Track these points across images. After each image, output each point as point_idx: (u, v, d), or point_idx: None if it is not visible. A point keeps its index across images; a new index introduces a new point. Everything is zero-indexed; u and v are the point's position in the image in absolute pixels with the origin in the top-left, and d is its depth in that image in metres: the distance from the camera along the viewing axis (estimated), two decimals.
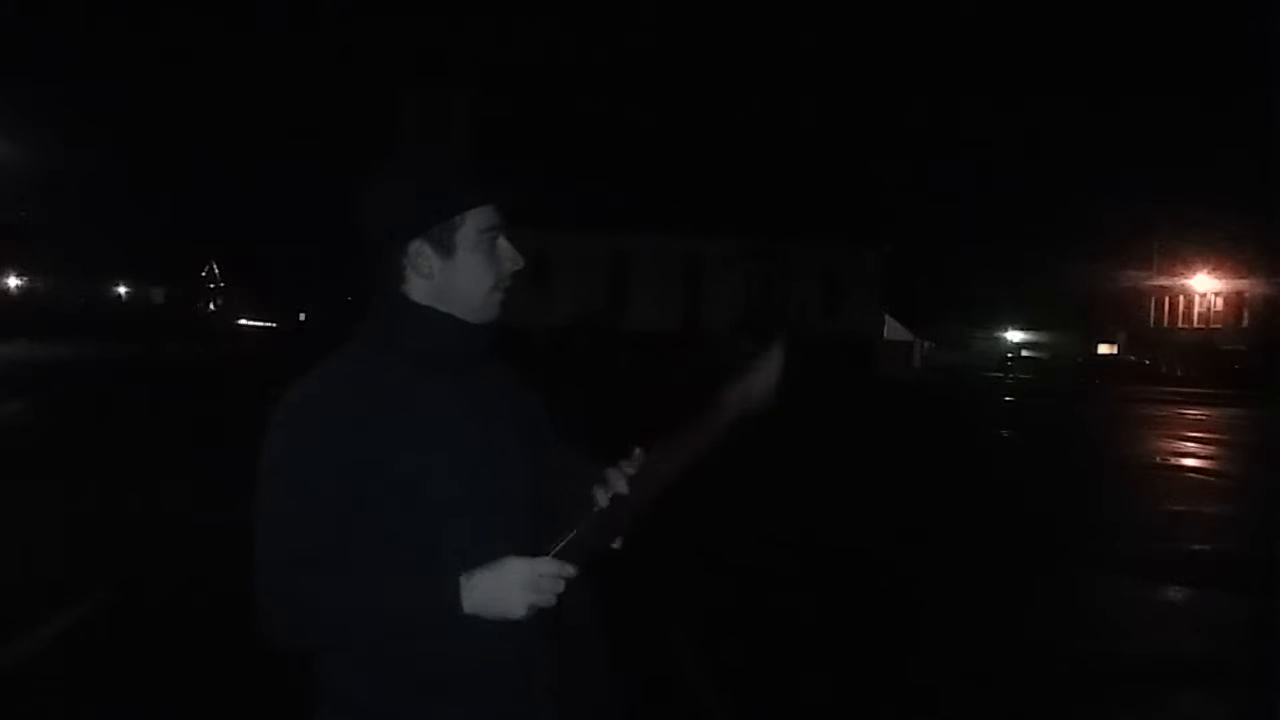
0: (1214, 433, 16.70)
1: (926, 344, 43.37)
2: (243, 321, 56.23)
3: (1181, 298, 44.66)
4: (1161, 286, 44.75)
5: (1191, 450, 13.75)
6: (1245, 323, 40.90)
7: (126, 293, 58.86)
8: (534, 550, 1.18)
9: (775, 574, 5.63)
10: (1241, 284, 40.33)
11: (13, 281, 48.27)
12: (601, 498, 1.23)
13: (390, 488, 1.17)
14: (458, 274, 1.26)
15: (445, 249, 1.25)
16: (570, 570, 1.18)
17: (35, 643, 3.84)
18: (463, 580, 1.14)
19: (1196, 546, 7.12)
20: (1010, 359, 49.00)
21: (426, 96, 35.59)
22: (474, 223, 1.26)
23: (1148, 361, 42.39)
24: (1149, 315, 46.61)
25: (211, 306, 64.97)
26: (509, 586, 1.15)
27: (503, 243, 1.30)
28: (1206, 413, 21.99)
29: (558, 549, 1.19)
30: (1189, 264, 42.01)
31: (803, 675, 3.97)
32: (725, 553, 5.99)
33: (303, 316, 59.40)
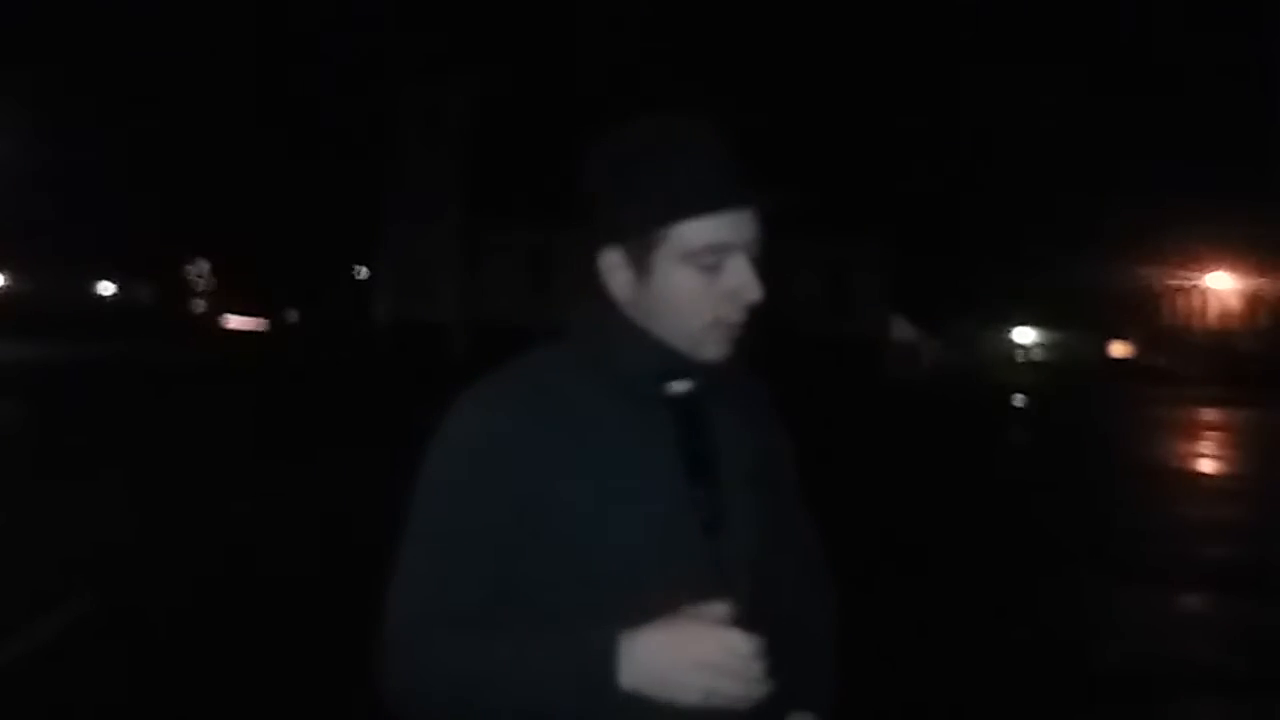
0: (1231, 436, 16.38)
1: (935, 343, 43.08)
2: (232, 321, 56.37)
3: (1197, 297, 44.16)
4: (1176, 286, 44.28)
5: (1207, 453, 13.50)
6: (1263, 323, 40.39)
7: (114, 292, 59.14)
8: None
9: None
10: (1259, 283, 39.84)
11: None
12: None
13: (564, 532, 0.95)
14: (653, 302, 0.99)
15: (640, 268, 0.99)
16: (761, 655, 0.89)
17: (32, 643, 3.87)
18: (623, 643, 0.88)
19: (1212, 551, 6.99)
20: (1021, 359, 48.66)
21: (424, 96, 35.52)
22: (681, 241, 0.97)
23: (1162, 362, 41.89)
24: (1163, 315, 46.14)
25: (200, 306, 65.22)
26: (685, 661, 0.87)
27: (734, 265, 0.99)
28: (1223, 415, 21.61)
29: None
30: (1205, 262, 41.52)
31: None
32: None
33: (294, 316, 59.52)
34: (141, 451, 9.14)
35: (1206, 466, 12.33)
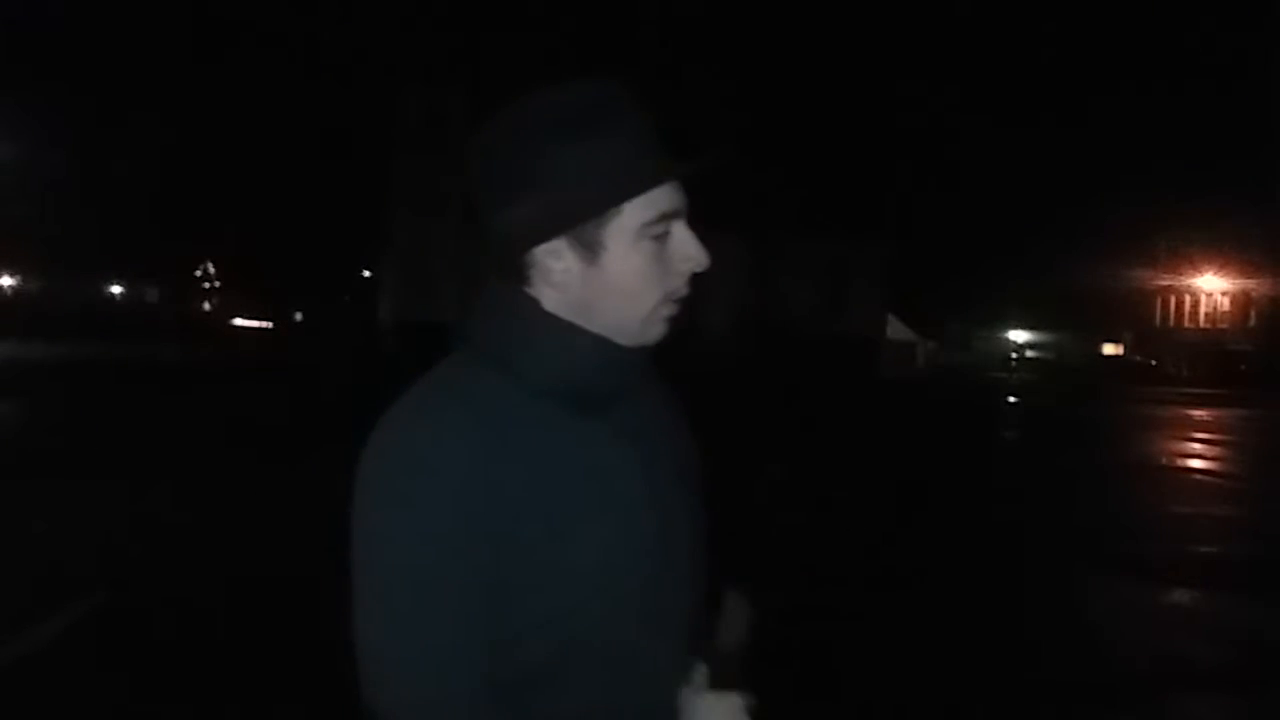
0: (1220, 434, 16.58)
1: (930, 344, 43.32)
2: (238, 321, 56.33)
3: (1188, 297, 44.52)
4: (1168, 286, 44.62)
5: (1198, 452, 13.64)
6: (1252, 323, 40.77)
7: (121, 293, 59.10)
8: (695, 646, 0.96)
9: (772, 571, 5.59)
10: (1248, 284, 40.20)
11: (6, 281, 48.41)
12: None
13: (537, 568, 0.85)
14: (607, 286, 0.89)
15: (589, 251, 0.88)
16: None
17: (34, 643, 3.83)
18: None
19: (1203, 549, 7.04)
20: (1014, 359, 48.95)
21: (426, 97, 35.63)
22: (636, 214, 0.87)
23: (1153, 362, 42.27)
24: (1155, 315, 46.47)
25: (206, 306, 65.18)
26: None
27: (679, 233, 0.90)
28: (1213, 414, 21.81)
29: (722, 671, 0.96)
30: (1195, 263, 41.87)
31: (795, 670, 3.92)
32: (725, 549, 5.93)
33: (299, 316, 59.45)
34: (147, 450, 8.97)
35: (1198, 464, 12.43)
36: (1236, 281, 40.97)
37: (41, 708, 3.31)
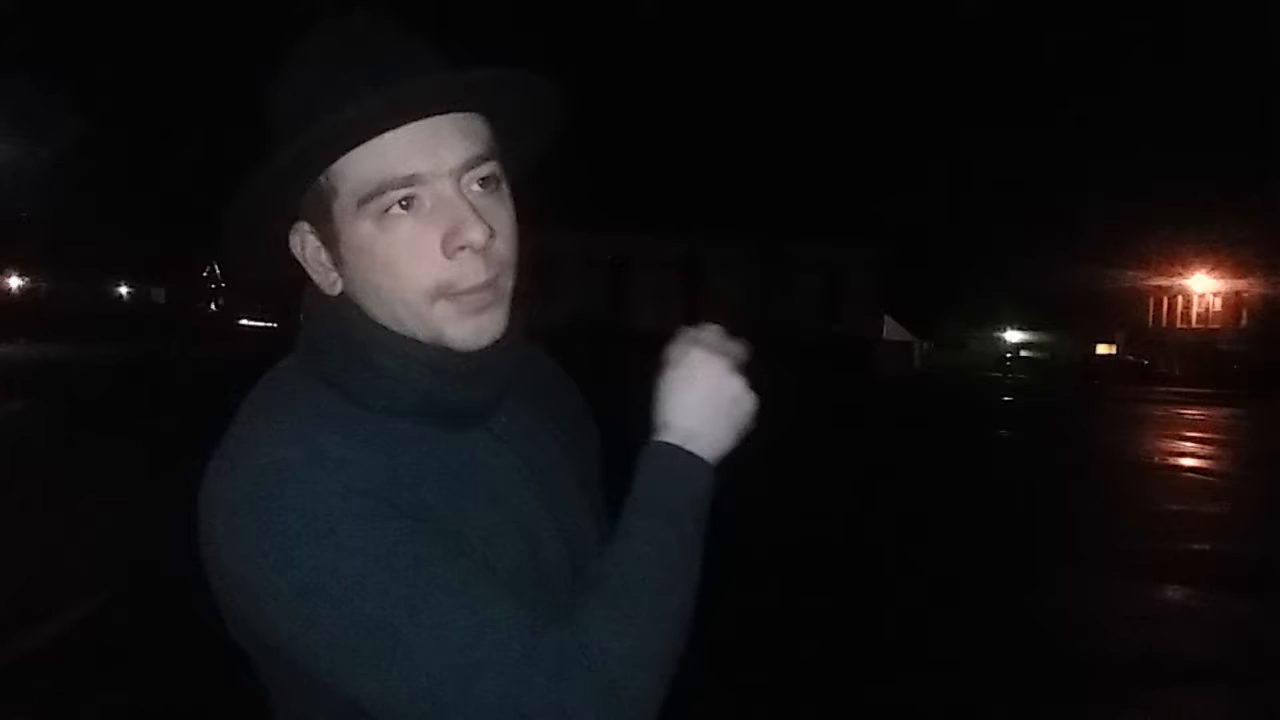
0: (1212, 433, 16.69)
1: (926, 344, 43.44)
2: (243, 321, 56.46)
3: (1180, 298, 44.74)
4: (1160, 286, 44.83)
5: (1190, 450, 13.74)
6: (1244, 323, 40.98)
7: (128, 293, 59.20)
8: None
9: (773, 571, 5.63)
10: (1240, 284, 40.42)
11: (14, 282, 48.45)
12: None
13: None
14: (360, 279, 0.72)
15: (327, 239, 0.71)
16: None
17: (35, 642, 3.86)
18: (680, 443, 0.78)
19: (1194, 546, 7.12)
20: (1009, 359, 49.10)
21: None
22: (350, 185, 0.68)
23: (1146, 362, 42.43)
24: (1148, 315, 46.68)
25: (213, 307, 65.22)
26: (725, 402, 0.82)
27: (433, 200, 0.69)
28: (1205, 413, 21.97)
29: None
30: (1188, 264, 42.08)
31: (796, 671, 3.96)
32: (722, 549, 5.98)
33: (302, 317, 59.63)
34: (152, 449, 8.93)
35: (1190, 462, 12.54)
36: (1228, 282, 41.19)
37: (42, 707, 3.33)
